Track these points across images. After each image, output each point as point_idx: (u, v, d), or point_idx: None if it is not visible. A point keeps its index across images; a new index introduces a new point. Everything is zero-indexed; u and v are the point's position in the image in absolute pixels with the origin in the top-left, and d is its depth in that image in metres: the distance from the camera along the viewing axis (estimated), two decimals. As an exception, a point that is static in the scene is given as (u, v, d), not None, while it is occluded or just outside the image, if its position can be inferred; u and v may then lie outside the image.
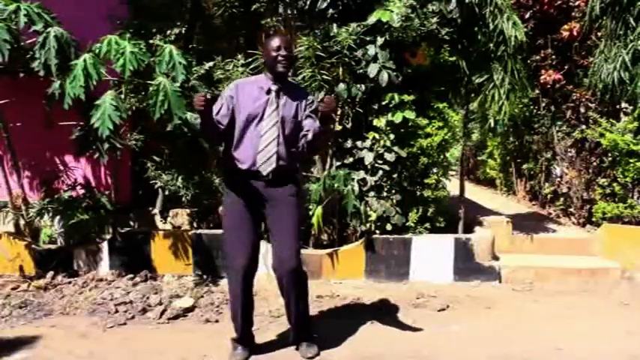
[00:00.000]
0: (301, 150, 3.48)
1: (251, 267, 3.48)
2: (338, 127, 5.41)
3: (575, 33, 6.70)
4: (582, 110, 6.86)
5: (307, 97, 3.55)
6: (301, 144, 3.46)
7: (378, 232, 5.28)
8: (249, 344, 3.64)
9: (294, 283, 3.46)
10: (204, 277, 5.13)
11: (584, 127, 6.76)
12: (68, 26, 4.72)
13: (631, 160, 5.91)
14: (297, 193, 3.51)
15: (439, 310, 4.48)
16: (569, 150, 6.98)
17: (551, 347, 3.77)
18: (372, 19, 5.07)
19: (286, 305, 3.60)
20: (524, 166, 8.10)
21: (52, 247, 5.22)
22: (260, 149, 3.36)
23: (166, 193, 5.38)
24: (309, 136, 3.41)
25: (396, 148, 5.19)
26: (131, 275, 5.06)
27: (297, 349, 3.66)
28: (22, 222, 5.27)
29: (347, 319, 4.28)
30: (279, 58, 3.38)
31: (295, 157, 3.50)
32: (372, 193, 5.31)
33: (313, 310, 4.30)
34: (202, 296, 4.67)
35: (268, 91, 3.42)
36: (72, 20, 4.83)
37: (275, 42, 3.41)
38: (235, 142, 3.43)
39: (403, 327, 4.13)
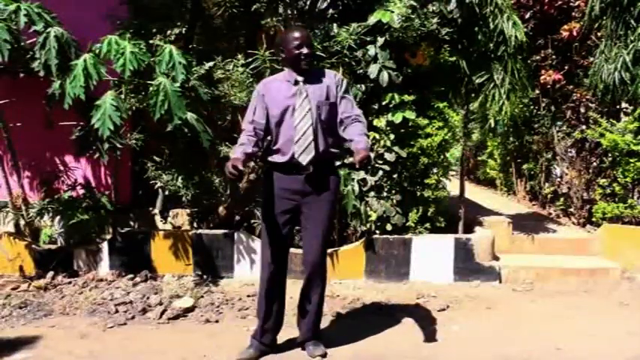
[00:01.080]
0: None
1: (283, 263, 3.54)
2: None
3: (575, 33, 6.71)
4: (582, 110, 6.86)
5: (336, 77, 3.52)
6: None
7: (378, 232, 5.28)
8: (265, 344, 3.60)
9: (315, 280, 3.50)
10: (205, 277, 5.14)
11: (584, 127, 6.76)
12: (68, 26, 4.73)
13: (631, 160, 5.91)
14: (335, 187, 3.54)
15: (439, 310, 4.48)
16: (569, 150, 6.99)
17: (551, 347, 3.77)
18: (372, 20, 5.07)
19: (301, 302, 3.62)
20: (525, 166, 8.10)
21: (52, 247, 5.23)
22: (297, 139, 3.35)
23: (166, 193, 5.38)
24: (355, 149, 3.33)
25: (396, 148, 5.19)
26: (131, 275, 5.06)
27: (303, 348, 3.65)
28: (22, 222, 5.27)
29: (347, 319, 4.28)
30: (302, 57, 3.38)
31: (334, 143, 3.50)
32: (372, 193, 5.31)
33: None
34: (202, 296, 4.68)
35: (295, 82, 3.42)
36: (72, 20, 4.84)
37: (296, 40, 3.38)
38: (273, 138, 3.46)
39: (403, 327, 4.14)
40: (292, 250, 4.13)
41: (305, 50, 3.37)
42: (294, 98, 3.39)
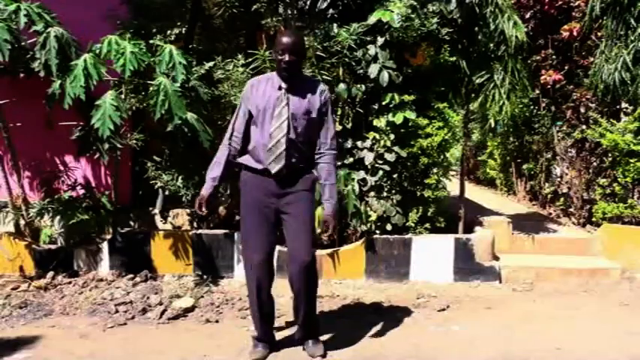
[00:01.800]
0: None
1: (267, 265, 3.47)
2: (338, 127, 5.42)
3: (575, 33, 6.72)
4: (582, 110, 6.86)
5: (322, 93, 3.47)
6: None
7: (378, 232, 5.29)
8: (268, 342, 3.63)
9: (305, 280, 3.44)
10: (205, 277, 5.14)
11: (584, 127, 6.76)
12: (68, 26, 4.72)
13: (631, 161, 5.91)
14: (311, 188, 3.51)
15: (439, 310, 4.48)
16: (569, 150, 6.99)
17: (552, 347, 3.77)
18: (372, 19, 5.06)
19: (295, 302, 3.59)
20: (525, 166, 8.11)
21: (52, 247, 5.22)
22: (269, 147, 3.34)
23: (166, 193, 5.38)
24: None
25: (396, 148, 5.19)
26: (131, 275, 5.06)
27: (303, 348, 3.65)
28: (22, 222, 5.27)
29: (347, 319, 4.28)
30: (282, 64, 3.33)
31: (308, 155, 3.47)
32: (372, 193, 5.31)
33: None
34: (202, 296, 4.68)
35: (279, 88, 3.39)
36: (72, 20, 4.83)
37: (281, 45, 3.33)
38: (250, 142, 3.46)
39: (403, 327, 4.14)
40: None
41: (286, 57, 3.30)
42: (273, 103, 3.37)
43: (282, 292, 4.15)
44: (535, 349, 3.73)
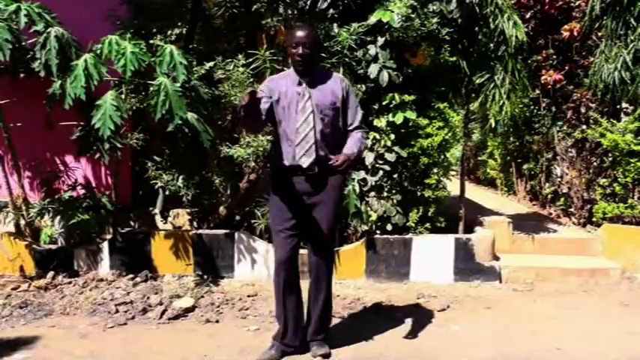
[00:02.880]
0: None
1: (293, 262, 3.49)
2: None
3: (575, 33, 6.71)
4: (583, 110, 6.85)
5: (342, 82, 3.51)
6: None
7: (378, 232, 5.29)
8: (290, 343, 3.58)
9: (321, 280, 3.51)
10: (205, 277, 5.14)
11: (584, 127, 6.76)
12: (69, 26, 4.72)
13: (632, 160, 5.91)
14: (340, 185, 3.55)
15: (439, 310, 4.48)
16: (569, 150, 6.98)
17: (552, 347, 3.77)
18: (372, 19, 5.06)
19: (309, 302, 3.61)
20: (525, 166, 8.11)
21: (53, 247, 5.23)
22: (297, 142, 3.36)
23: (167, 193, 5.38)
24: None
25: (396, 148, 5.19)
26: (131, 275, 5.06)
27: (309, 348, 3.65)
28: (22, 222, 5.27)
29: (347, 319, 4.28)
30: (296, 58, 3.36)
31: (337, 147, 3.44)
32: (372, 193, 5.31)
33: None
34: (203, 296, 4.68)
35: (299, 83, 3.41)
36: (72, 20, 4.83)
37: (294, 38, 3.35)
38: (278, 140, 3.48)
39: (403, 327, 4.13)
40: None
41: (300, 50, 3.33)
42: (296, 99, 3.39)
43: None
44: (535, 349, 3.73)
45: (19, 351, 3.65)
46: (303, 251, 4.45)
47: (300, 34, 3.36)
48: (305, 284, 3.61)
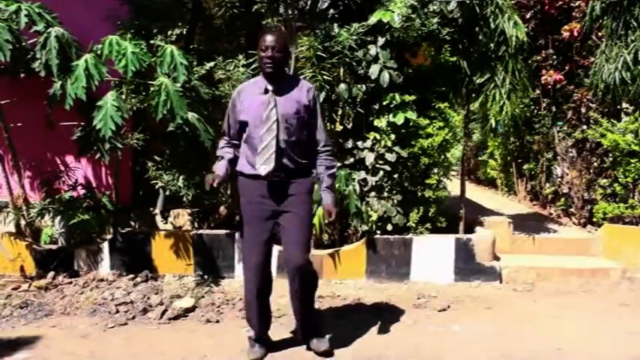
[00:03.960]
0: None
1: (264, 267, 3.50)
2: (339, 128, 5.42)
3: (575, 33, 6.72)
4: (583, 110, 6.86)
5: (309, 91, 3.49)
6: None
7: (378, 232, 5.29)
8: (265, 343, 3.66)
9: (301, 281, 3.47)
10: (205, 277, 5.14)
11: (585, 127, 6.76)
12: (69, 26, 4.73)
13: (632, 161, 5.92)
14: (309, 190, 3.53)
15: (440, 311, 4.49)
16: (570, 150, 6.98)
17: (552, 348, 3.77)
18: (372, 19, 5.07)
19: (293, 303, 3.62)
20: (525, 167, 8.10)
21: (53, 247, 5.23)
22: (259, 150, 3.36)
23: (167, 193, 5.38)
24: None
25: (396, 149, 5.19)
26: (132, 275, 5.06)
27: (308, 347, 3.67)
28: (22, 222, 5.27)
29: (348, 319, 4.29)
30: (265, 60, 3.36)
31: (302, 156, 3.47)
32: (372, 194, 5.31)
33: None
34: (203, 296, 4.68)
35: (265, 91, 3.40)
36: (73, 20, 4.84)
37: (263, 41, 3.36)
38: (242, 147, 3.49)
39: (404, 327, 4.14)
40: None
41: (269, 53, 3.33)
42: (261, 107, 3.38)
43: (282, 293, 4.13)
44: (535, 350, 3.73)
45: (19, 351, 3.66)
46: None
47: (268, 37, 3.37)
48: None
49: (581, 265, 5.46)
